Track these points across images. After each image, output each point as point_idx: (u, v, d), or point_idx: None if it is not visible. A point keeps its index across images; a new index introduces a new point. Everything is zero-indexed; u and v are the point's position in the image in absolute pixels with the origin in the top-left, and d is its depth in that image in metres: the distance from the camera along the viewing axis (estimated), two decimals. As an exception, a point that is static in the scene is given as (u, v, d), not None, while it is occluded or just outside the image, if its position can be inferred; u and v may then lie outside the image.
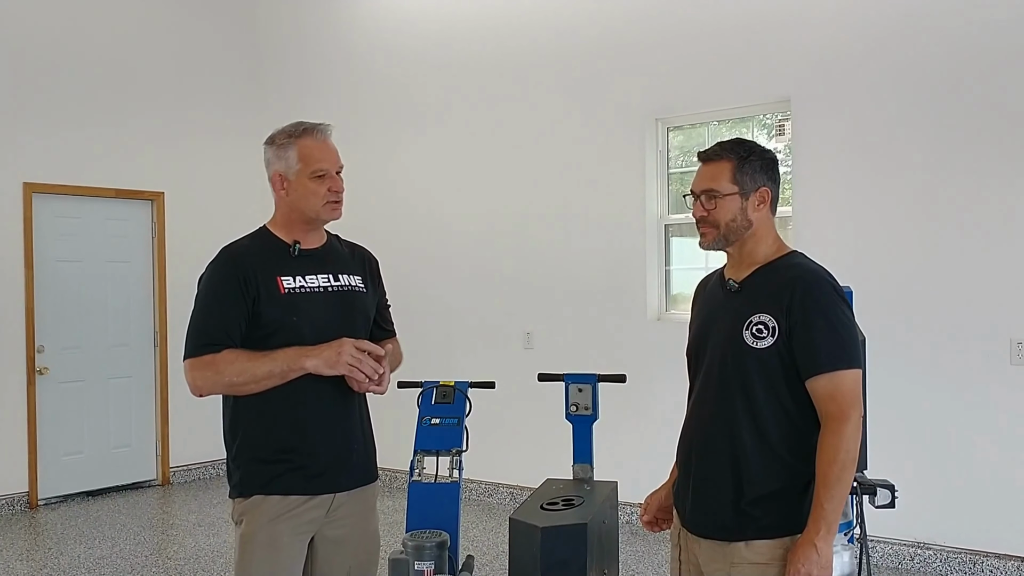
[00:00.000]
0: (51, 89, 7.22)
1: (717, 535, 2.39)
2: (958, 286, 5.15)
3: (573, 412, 3.66)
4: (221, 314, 2.61)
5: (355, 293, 2.81)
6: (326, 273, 2.75)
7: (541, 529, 2.98)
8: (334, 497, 2.71)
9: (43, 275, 7.15)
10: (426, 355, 7.18)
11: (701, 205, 2.45)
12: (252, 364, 2.57)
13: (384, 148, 7.70)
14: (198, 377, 2.59)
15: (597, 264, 6.54)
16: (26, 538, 6.31)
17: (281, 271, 2.68)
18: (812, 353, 2.29)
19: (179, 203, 7.93)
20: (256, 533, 2.63)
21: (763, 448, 2.34)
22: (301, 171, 2.68)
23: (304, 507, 2.66)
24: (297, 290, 2.67)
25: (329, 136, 2.74)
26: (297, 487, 2.65)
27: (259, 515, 2.64)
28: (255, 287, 2.62)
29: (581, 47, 6.61)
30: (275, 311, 2.63)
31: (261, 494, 2.64)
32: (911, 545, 5.28)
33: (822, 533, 2.23)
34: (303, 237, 2.75)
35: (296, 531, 2.65)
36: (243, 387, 2.59)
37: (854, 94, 5.48)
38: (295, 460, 2.65)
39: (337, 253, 2.85)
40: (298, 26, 8.36)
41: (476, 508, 6.84)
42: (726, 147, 2.47)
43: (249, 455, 2.67)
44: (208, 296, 2.65)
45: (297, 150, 2.68)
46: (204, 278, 2.70)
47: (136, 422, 7.73)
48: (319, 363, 2.59)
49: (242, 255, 2.69)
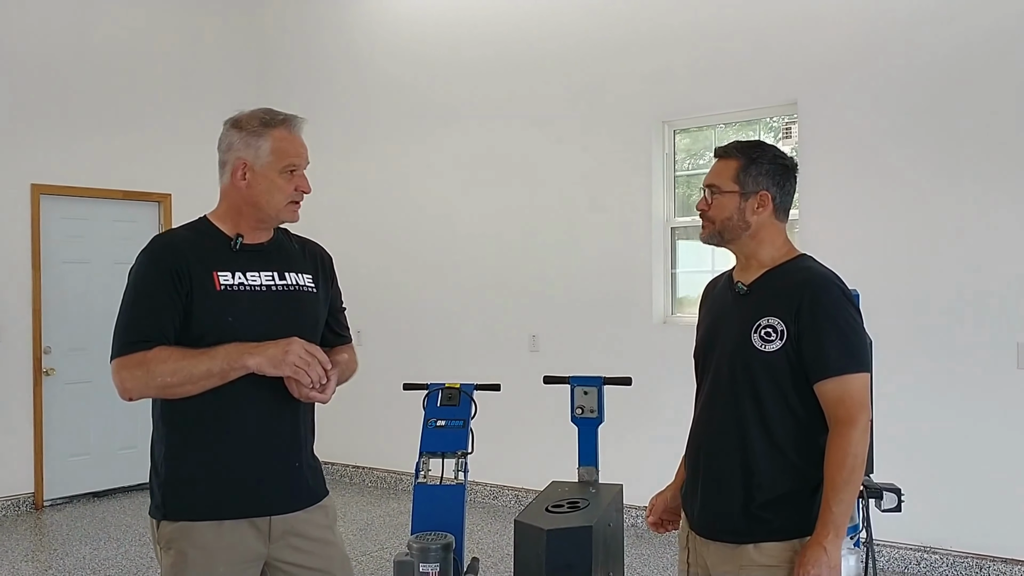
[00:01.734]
0: (59, 92, 7.24)
1: (726, 538, 2.39)
2: (964, 289, 5.14)
3: (579, 415, 3.66)
4: (152, 308, 2.32)
5: (303, 293, 2.52)
6: (270, 271, 2.47)
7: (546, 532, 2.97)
8: (269, 521, 2.41)
9: (50, 276, 7.17)
10: (432, 358, 7.18)
11: (705, 199, 2.48)
12: (187, 363, 2.28)
13: (390, 152, 7.70)
14: (127, 378, 2.29)
15: (603, 267, 6.54)
16: (32, 539, 6.32)
17: (218, 266, 2.40)
18: (821, 357, 2.29)
19: (186, 205, 7.93)
20: (189, 566, 2.33)
21: (772, 451, 2.34)
22: (271, 164, 2.42)
23: (239, 534, 2.37)
24: (235, 287, 2.39)
25: (302, 129, 2.50)
26: (225, 510, 2.36)
27: (189, 545, 2.34)
28: (188, 281, 2.34)
29: (588, 50, 6.61)
30: (208, 309, 2.35)
31: (188, 520, 2.35)
32: (917, 549, 5.26)
33: (831, 536, 2.23)
34: (247, 232, 2.47)
35: (236, 564, 2.36)
36: (177, 388, 2.29)
37: (861, 97, 5.48)
38: (222, 478, 2.37)
39: (284, 249, 2.56)
40: (304, 28, 8.37)
41: (481, 510, 6.83)
42: (739, 146, 2.49)
43: (173, 471, 2.38)
44: (138, 289, 2.36)
45: (271, 141, 2.42)
46: (134, 270, 2.41)
47: (142, 423, 7.67)
48: (262, 361, 2.30)
49: (176, 245, 2.42)
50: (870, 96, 5.45)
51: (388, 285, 7.58)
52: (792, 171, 2.50)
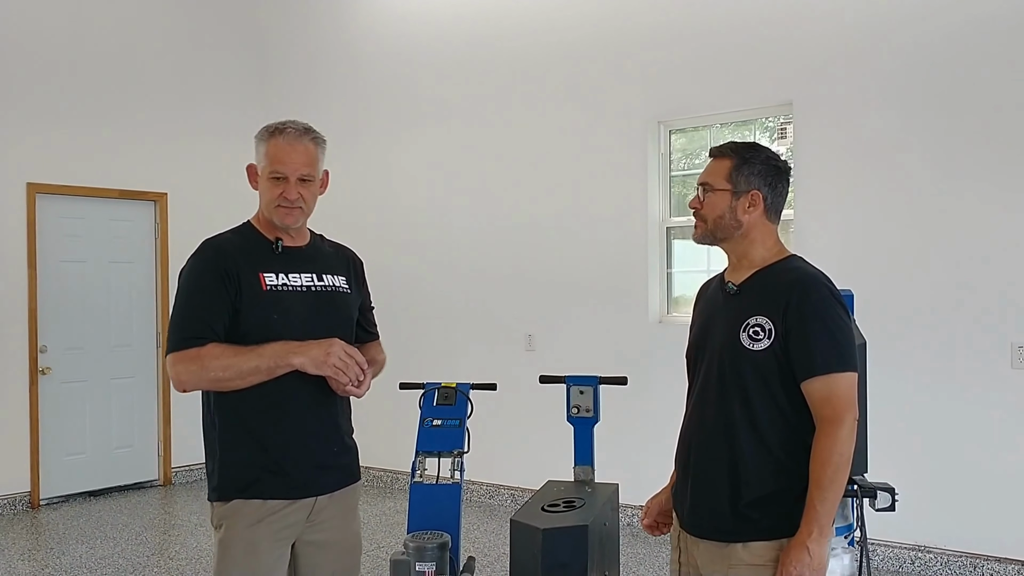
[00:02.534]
0: (55, 90, 7.24)
1: (715, 536, 2.40)
2: (958, 290, 5.16)
3: (574, 414, 3.67)
4: (204, 307, 2.54)
5: (339, 293, 2.74)
6: (309, 272, 2.68)
7: (542, 531, 2.98)
8: (315, 500, 2.65)
9: (46, 275, 7.17)
10: (428, 357, 7.19)
11: (698, 197, 2.51)
12: (238, 359, 2.49)
13: (386, 150, 7.71)
14: (182, 371, 2.51)
15: (599, 266, 6.55)
16: (28, 538, 6.33)
17: (264, 267, 2.61)
18: (807, 356, 2.30)
19: (182, 204, 7.95)
20: (235, 538, 2.57)
21: (760, 450, 2.35)
22: (264, 169, 2.64)
23: (285, 511, 2.60)
24: (280, 287, 2.61)
25: (304, 141, 2.63)
26: (277, 491, 2.59)
27: (238, 520, 2.57)
28: (236, 281, 2.55)
29: (583, 49, 6.62)
30: (256, 308, 2.55)
31: (241, 498, 2.58)
32: (911, 548, 5.28)
33: (815, 535, 2.24)
34: (284, 235, 2.68)
35: (276, 536, 2.59)
36: (228, 382, 2.51)
37: (856, 97, 5.49)
38: (275, 463, 2.59)
39: (321, 252, 2.79)
40: (302, 27, 8.37)
41: (477, 510, 6.85)
42: (734, 147, 2.51)
43: (228, 457, 2.60)
44: (191, 289, 2.58)
45: (267, 147, 2.63)
46: (185, 271, 2.63)
47: (138, 422, 7.74)
48: (306, 361, 2.52)
49: (225, 248, 2.63)
50: (865, 96, 5.46)
51: (383, 284, 7.53)
52: (785, 173, 2.52)
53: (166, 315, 7.78)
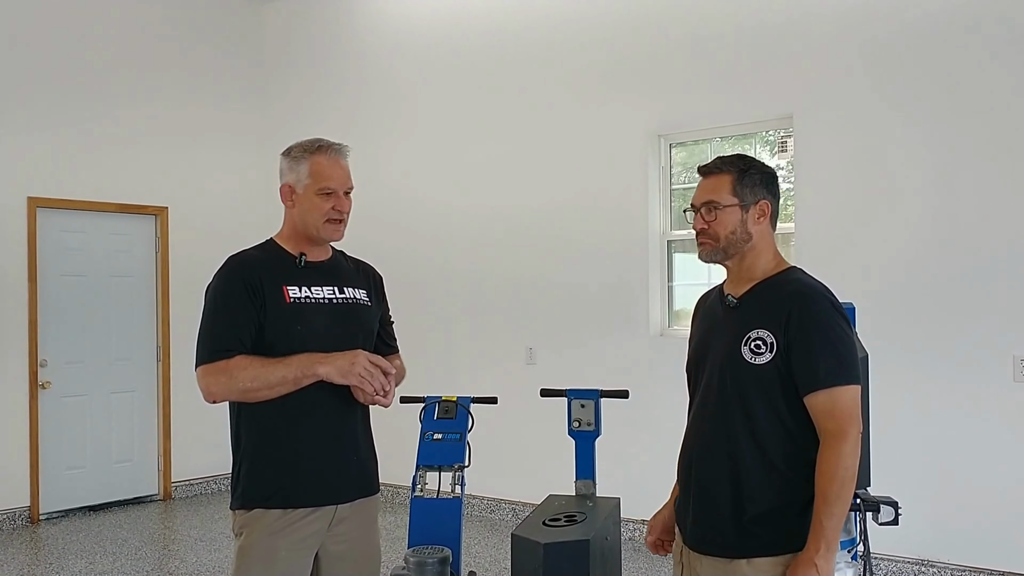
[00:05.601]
0: (55, 104, 7.24)
1: (718, 552, 2.38)
2: (961, 302, 5.15)
3: (576, 428, 3.66)
4: (231, 320, 2.62)
5: (360, 305, 2.82)
6: (331, 285, 2.77)
7: (543, 545, 2.97)
8: (336, 509, 2.70)
9: (46, 289, 7.16)
10: (428, 370, 7.17)
11: (701, 217, 2.46)
12: (265, 370, 2.57)
13: (384, 162, 7.71)
14: (212, 383, 2.59)
15: (600, 280, 6.54)
16: (27, 553, 6.30)
17: (287, 281, 2.70)
18: (810, 369, 2.29)
19: (183, 218, 7.95)
20: (254, 546, 2.63)
21: (763, 464, 2.33)
22: (309, 186, 2.72)
23: (305, 520, 2.65)
24: (303, 300, 2.69)
25: (343, 157, 2.79)
26: (298, 499, 2.65)
27: (258, 528, 2.63)
28: (261, 295, 2.64)
29: (584, 63, 6.63)
30: (280, 320, 2.64)
31: (262, 507, 2.64)
32: (915, 562, 5.26)
33: (822, 551, 2.22)
34: (308, 251, 2.77)
35: (295, 545, 2.64)
36: (256, 393, 2.59)
37: (856, 111, 5.50)
38: (297, 472, 2.65)
39: (342, 267, 2.88)
40: (302, 39, 8.39)
41: (478, 524, 6.82)
42: (727, 161, 2.49)
43: (251, 466, 2.67)
44: (218, 303, 2.66)
45: (309, 165, 2.72)
46: (212, 286, 2.71)
47: (138, 437, 7.72)
48: (332, 371, 2.60)
49: (249, 263, 2.72)
50: (866, 110, 5.47)
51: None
52: (777, 179, 2.53)
53: (166, 329, 7.77)
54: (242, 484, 2.68)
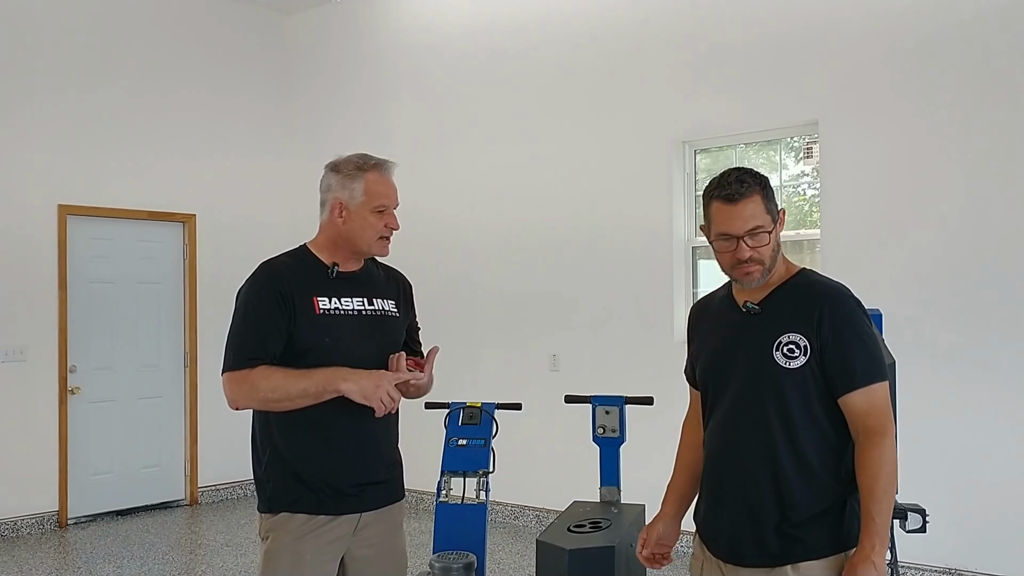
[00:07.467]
0: (85, 113, 7.34)
1: (761, 562, 2.34)
2: (989, 310, 5.10)
3: (600, 434, 3.66)
4: (258, 329, 2.63)
5: (388, 317, 2.83)
6: (361, 296, 2.77)
7: (568, 551, 2.98)
8: (360, 516, 2.71)
9: (76, 296, 7.25)
10: (452, 377, 7.18)
11: (746, 246, 2.35)
12: (287, 381, 2.58)
13: (408, 169, 7.69)
14: (234, 390, 2.61)
15: (624, 286, 6.53)
16: (56, 557, 6.36)
17: (318, 291, 2.70)
18: (847, 369, 2.29)
19: (210, 225, 8.02)
20: (280, 550, 2.65)
21: (803, 469, 2.32)
22: (364, 204, 2.71)
23: (330, 526, 2.66)
24: (332, 311, 2.70)
25: (392, 173, 2.80)
26: (324, 506, 2.66)
27: (285, 533, 2.65)
28: (291, 305, 2.64)
29: (608, 69, 6.64)
30: (309, 331, 2.65)
31: (288, 512, 2.66)
32: (942, 571, 5.20)
33: (877, 548, 2.21)
34: (342, 262, 2.77)
35: (321, 550, 2.65)
36: (277, 403, 2.60)
37: (882, 116, 5.47)
38: (321, 478, 2.66)
39: (373, 277, 2.87)
40: (328, 48, 8.45)
41: (502, 530, 6.82)
42: (746, 181, 2.36)
43: (277, 471, 2.69)
44: (247, 311, 2.67)
45: (364, 183, 2.71)
46: (242, 292, 2.72)
47: (165, 442, 7.78)
48: (355, 389, 2.59)
49: (280, 271, 2.72)
50: (892, 115, 5.43)
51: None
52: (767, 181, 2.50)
53: (194, 336, 7.83)
54: (268, 488, 2.70)
